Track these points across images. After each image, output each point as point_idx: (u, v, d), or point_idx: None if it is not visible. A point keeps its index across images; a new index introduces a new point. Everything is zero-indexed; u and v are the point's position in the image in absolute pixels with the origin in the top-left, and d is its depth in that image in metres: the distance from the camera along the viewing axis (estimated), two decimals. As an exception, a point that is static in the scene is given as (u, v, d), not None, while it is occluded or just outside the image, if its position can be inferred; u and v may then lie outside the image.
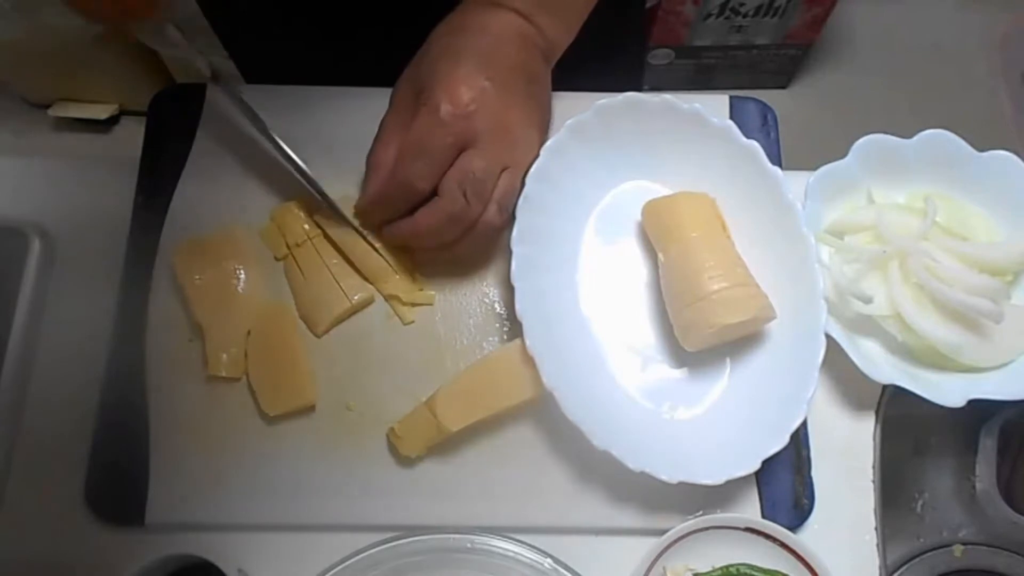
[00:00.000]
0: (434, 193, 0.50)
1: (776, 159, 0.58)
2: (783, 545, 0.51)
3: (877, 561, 0.53)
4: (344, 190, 0.55)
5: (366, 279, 0.55)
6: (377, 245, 0.55)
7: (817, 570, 0.50)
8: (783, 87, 1.61)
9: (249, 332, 0.54)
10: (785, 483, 0.53)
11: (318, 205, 0.55)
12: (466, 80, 0.48)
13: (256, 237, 0.56)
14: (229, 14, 0.64)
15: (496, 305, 0.56)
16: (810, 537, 0.52)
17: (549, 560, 0.49)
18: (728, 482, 0.49)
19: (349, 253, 0.55)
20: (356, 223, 0.55)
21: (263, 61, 0.69)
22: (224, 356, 0.53)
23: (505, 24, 0.51)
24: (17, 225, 0.57)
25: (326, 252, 0.56)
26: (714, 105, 0.59)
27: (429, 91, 0.48)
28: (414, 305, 0.55)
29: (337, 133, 0.58)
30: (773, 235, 0.55)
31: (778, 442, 0.50)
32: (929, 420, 0.65)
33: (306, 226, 0.56)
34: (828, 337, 0.52)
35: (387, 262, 0.55)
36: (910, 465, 0.66)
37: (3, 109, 1.51)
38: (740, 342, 0.54)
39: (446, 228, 0.50)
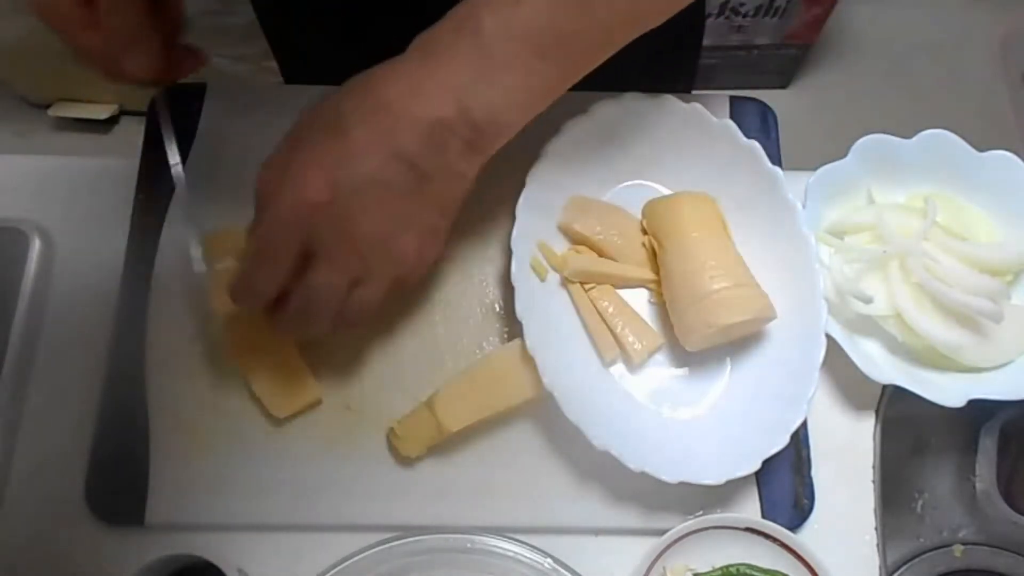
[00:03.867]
0: None
1: (776, 159, 0.58)
2: (783, 545, 0.51)
3: (877, 561, 0.53)
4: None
5: None
6: None
7: (817, 570, 0.50)
8: (783, 87, 1.61)
9: (245, 335, 0.53)
10: (785, 483, 0.53)
11: None
12: (321, 172, 0.41)
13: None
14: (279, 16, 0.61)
15: (496, 305, 0.56)
16: (810, 537, 0.52)
17: (549, 560, 0.49)
18: (728, 482, 0.49)
19: None
20: None
21: (305, 61, 0.65)
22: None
23: (418, 103, 0.42)
24: (17, 225, 0.57)
25: None
26: (714, 105, 0.59)
27: (287, 174, 0.42)
28: None
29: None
30: (773, 235, 0.55)
31: (778, 442, 0.50)
32: (929, 420, 0.65)
33: None
34: (828, 337, 0.52)
35: None
36: (910, 465, 0.66)
37: (3, 109, 1.51)
38: (740, 342, 0.54)
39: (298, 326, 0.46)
